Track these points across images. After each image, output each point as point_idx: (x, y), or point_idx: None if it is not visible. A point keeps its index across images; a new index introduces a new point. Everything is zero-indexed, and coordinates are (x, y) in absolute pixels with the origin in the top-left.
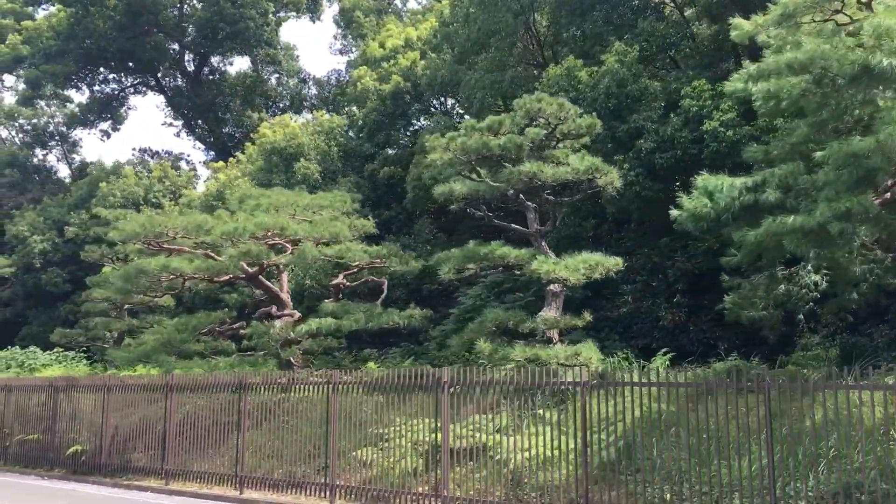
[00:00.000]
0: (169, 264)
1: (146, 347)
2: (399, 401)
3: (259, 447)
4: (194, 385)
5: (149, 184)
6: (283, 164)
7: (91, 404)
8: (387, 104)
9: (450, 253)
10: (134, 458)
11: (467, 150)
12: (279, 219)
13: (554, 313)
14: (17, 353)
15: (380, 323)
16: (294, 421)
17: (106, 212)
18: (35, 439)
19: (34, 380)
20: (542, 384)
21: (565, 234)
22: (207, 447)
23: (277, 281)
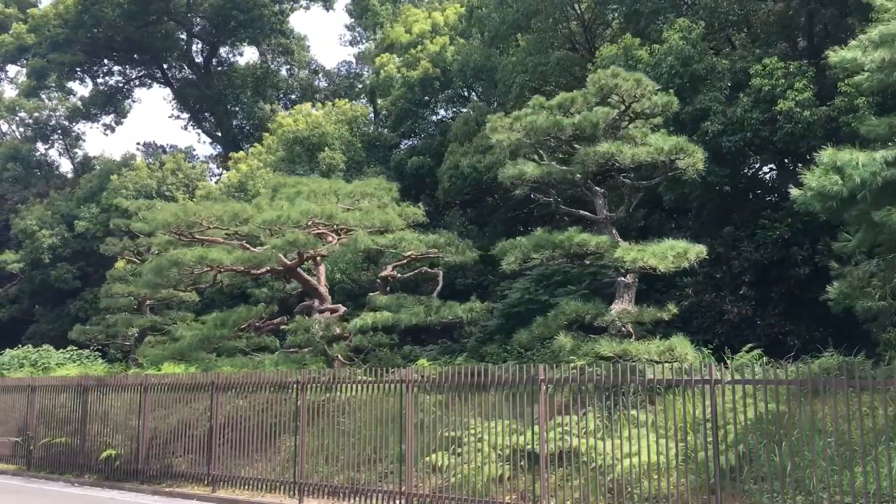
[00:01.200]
0: (206, 255)
1: (183, 344)
2: (476, 401)
3: (312, 451)
4: (242, 384)
5: (162, 176)
6: (305, 154)
7: (125, 405)
8: (415, 91)
9: (516, 241)
10: (174, 463)
11: (536, 129)
12: (327, 206)
13: (627, 306)
14: (29, 351)
15: (440, 317)
16: (348, 422)
17: (127, 203)
18: (63, 443)
19: (61, 379)
20: (675, 382)
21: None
22: (254, 451)
23: (315, 274)
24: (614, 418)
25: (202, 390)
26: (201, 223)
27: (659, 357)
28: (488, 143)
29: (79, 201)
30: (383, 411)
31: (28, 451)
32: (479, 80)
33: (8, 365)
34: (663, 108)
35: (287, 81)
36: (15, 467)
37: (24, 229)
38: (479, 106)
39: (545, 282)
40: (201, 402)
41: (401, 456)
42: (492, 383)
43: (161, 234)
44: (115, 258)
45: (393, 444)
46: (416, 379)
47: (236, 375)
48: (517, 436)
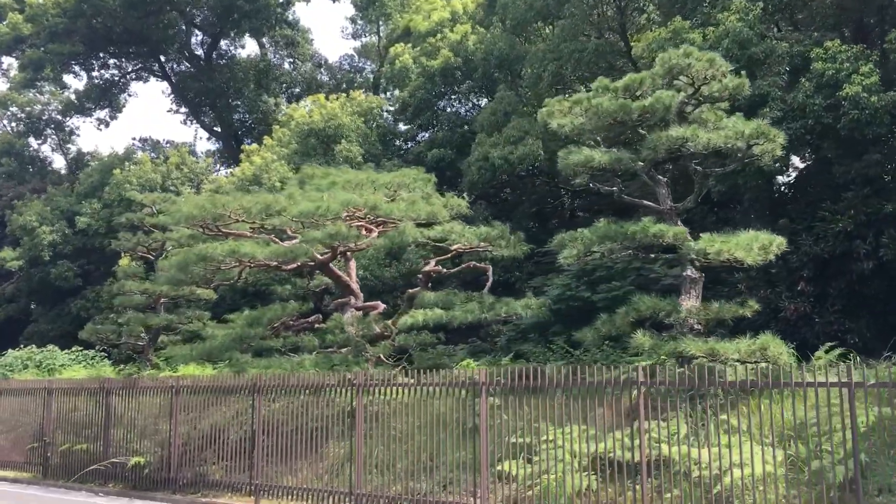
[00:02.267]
0: (238, 249)
1: (213, 344)
2: (551, 404)
3: (363, 458)
4: (287, 386)
5: (166, 170)
6: (320, 147)
7: (154, 408)
8: (435, 81)
9: (576, 233)
10: (208, 472)
11: (601, 113)
12: (371, 196)
13: (695, 302)
14: (33, 352)
15: (496, 314)
16: (403, 427)
17: (141, 196)
18: (83, 449)
19: (81, 381)
20: (783, 383)
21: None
22: (296, 458)
23: (346, 269)
24: (701, 423)
25: (241, 393)
26: (228, 215)
27: (748, 357)
28: (521, 134)
29: (79, 197)
30: (446, 415)
31: (44, 458)
32: (502, 69)
33: (11, 366)
34: (733, 91)
35: (290, 75)
36: (29, 475)
37: (24, 225)
38: (507, 96)
39: (586, 278)
40: (238, 405)
41: (472, 464)
42: (576, 384)
43: (183, 227)
44: (116, 255)
45: (452, 450)
46: (490, 381)
47: (279, 377)
48: (598, 442)
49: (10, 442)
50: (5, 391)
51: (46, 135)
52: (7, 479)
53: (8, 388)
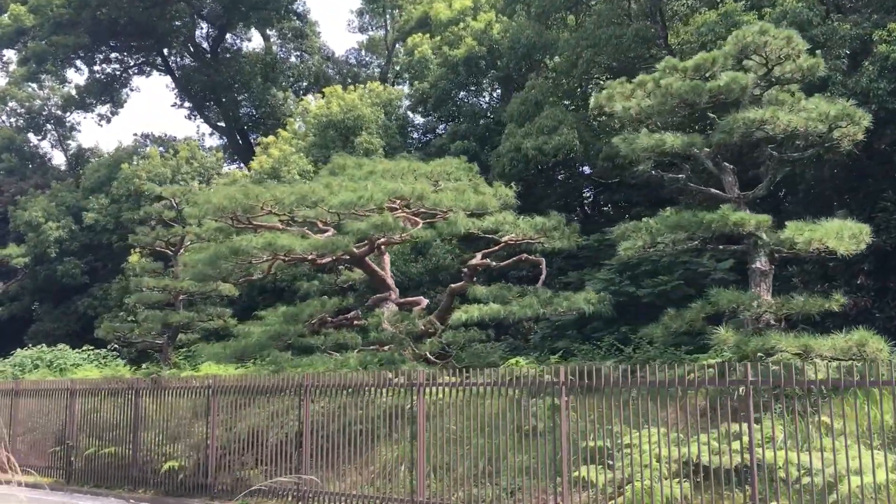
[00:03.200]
0: (275, 242)
1: (249, 341)
2: (630, 404)
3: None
4: (339, 386)
5: (176, 164)
6: (339, 139)
7: (188, 410)
8: (458, 71)
9: (640, 224)
10: (248, 476)
11: (671, 94)
12: (418, 185)
13: (766, 296)
14: (43, 351)
15: (556, 309)
16: (458, 429)
17: (160, 188)
18: (111, 453)
19: (107, 381)
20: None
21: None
22: (343, 461)
23: (380, 263)
24: (795, 425)
25: (287, 392)
26: (261, 207)
27: (843, 354)
28: (554, 123)
29: (86, 192)
30: (512, 417)
31: (68, 462)
32: (530, 58)
33: (21, 366)
34: (807, 71)
35: (298, 68)
36: (51, 480)
37: (29, 221)
38: (538, 84)
39: (629, 273)
40: (278, 405)
41: (544, 469)
42: (674, 384)
43: (210, 219)
44: (125, 252)
45: (520, 454)
46: (570, 380)
47: (330, 375)
48: (682, 446)
49: (28, 445)
50: (23, 392)
51: (46, 130)
52: (27, 484)
53: (26, 388)
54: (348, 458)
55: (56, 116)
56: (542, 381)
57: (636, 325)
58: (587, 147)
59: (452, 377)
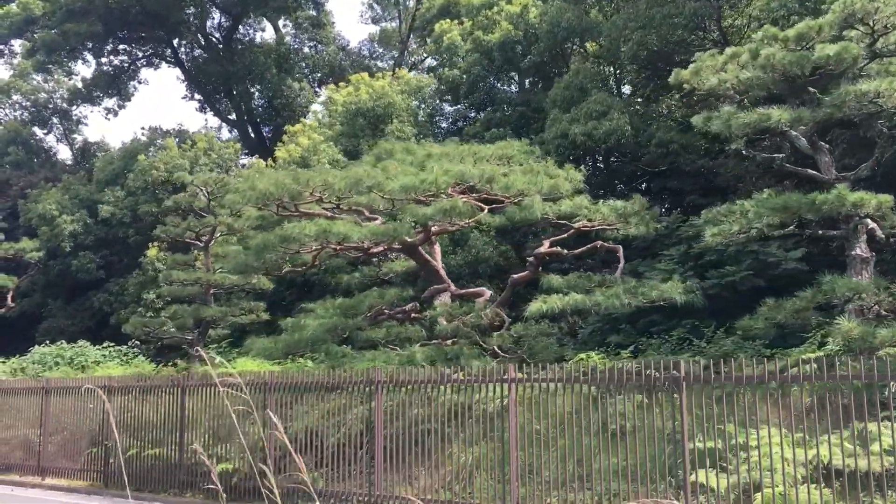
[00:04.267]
0: (330, 229)
1: (304, 335)
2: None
3: (492, 463)
4: (416, 382)
5: (194, 156)
6: (369, 127)
7: (240, 409)
8: (493, 57)
9: (734, 207)
10: (307, 479)
11: (772, 66)
12: (488, 168)
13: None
14: (63, 348)
15: (646, 298)
16: (537, 427)
17: (190, 177)
18: (154, 455)
19: (147, 379)
20: None
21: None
22: (411, 463)
23: (431, 254)
24: None
25: (355, 389)
26: (310, 193)
27: None
28: (603, 108)
29: (100, 185)
30: (599, 415)
31: (105, 465)
32: (569, 42)
33: (40, 363)
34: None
35: (314, 58)
36: (86, 483)
37: (43, 215)
38: (583, 69)
39: (691, 263)
40: (339, 403)
41: (654, 473)
42: (802, 379)
43: (252, 207)
44: (141, 246)
45: (606, 456)
46: (690, 375)
47: (404, 371)
48: (810, 448)
49: (57, 446)
50: (54, 390)
51: (52, 124)
52: (61, 488)
53: (57, 386)
54: (419, 460)
55: (62, 110)
56: (655, 378)
57: (701, 318)
58: (637, 133)
59: (546, 373)
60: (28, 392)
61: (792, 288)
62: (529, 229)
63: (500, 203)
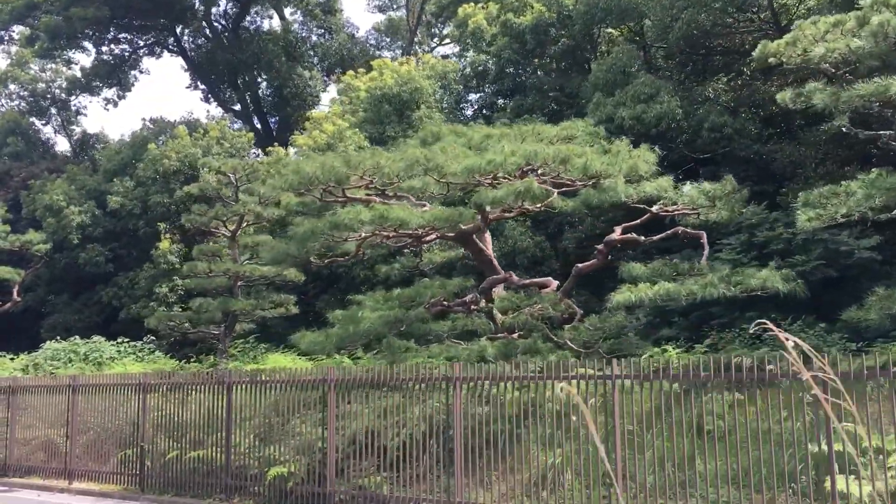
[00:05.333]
0: (387, 215)
1: (360, 328)
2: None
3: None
4: (498, 378)
5: (207, 145)
6: (395, 114)
7: (293, 406)
8: (524, 40)
9: (838, 188)
10: (371, 485)
11: (884, 34)
12: (563, 148)
13: None
14: (76, 343)
15: (745, 287)
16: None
17: (218, 163)
18: (197, 457)
19: (189, 376)
20: None
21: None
22: (485, 466)
23: (483, 242)
24: None
25: (430, 386)
26: (360, 176)
27: None
28: (652, 90)
29: (108, 175)
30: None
31: (141, 467)
32: (606, 22)
33: (54, 359)
34: None
35: (323, 46)
36: (120, 488)
37: (50, 206)
38: (626, 50)
39: (755, 252)
40: (397, 402)
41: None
42: None
43: (290, 194)
44: (151, 238)
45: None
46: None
47: (484, 369)
48: None
49: (83, 448)
50: (82, 388)
51: (51, 115)
52: (91, 492)
53: (86, 384)
54: (494, 463)
55: (60, 100)
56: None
57: (766, 311)
58: (687, 116)
59: (648, 369)
60: (52, 390)
61: (864, 279)
62: (565, 219)
63: (566, 186)
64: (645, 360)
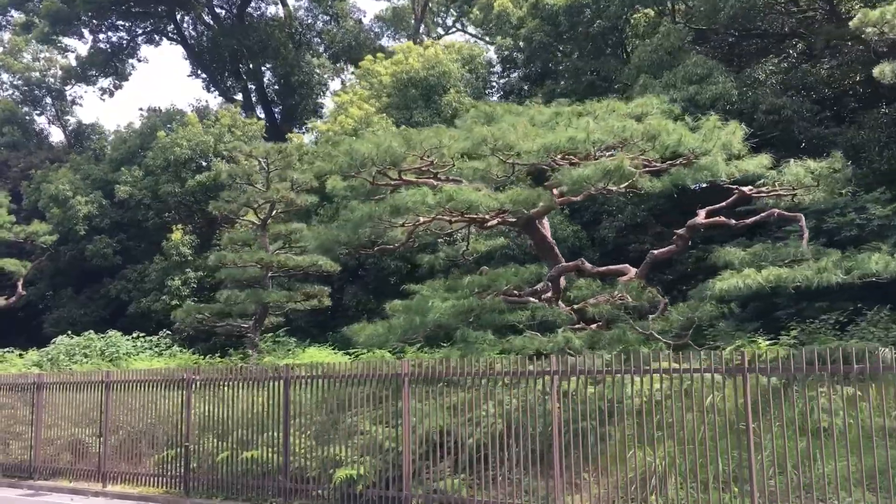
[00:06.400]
0: (456, 196)
1: (430, 318)
2: None
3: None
4: (598, 370)
5: (219, 132)
6: (421, 98)
7: (362, 402)
8: (558, 22)
9: None
10: (449, 488)
11: None
12: (656, 123)
13: None
14: (91, 338)
15: (862, 272)
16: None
17: (249, 148)
18: (251, 458)
19: (240, 371)
20: None
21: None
22: (581, 464)
23: (541, 228)
24: None
25: (533, 377)
26: (421, 157)
27: None
28: (705, 71)
29: (114, 164)
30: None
31: (186, 469)
32: (643, 3)
33: (67, 355)
34: None
35: (331, 33)
36: (161, 491)
37: (55, 196)
38: (673, 30)
39: (823, 238)
40: (471, 397)
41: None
42: None
43: (340, 176)
44: (160, 230)
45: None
46: None
47: (587, 362)
48: None
49: (114, 448)
50: (116, 384)
51: (45, 105)
52: (130, 496)
53: (120, 380)
54: (585, 463)
55: (55, 90)
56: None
57: (835, 301)
58: (742, 98)
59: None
60: (83, 387)
61: None
62: (601, 208)
63: (647, 166)
64: (748, 352)
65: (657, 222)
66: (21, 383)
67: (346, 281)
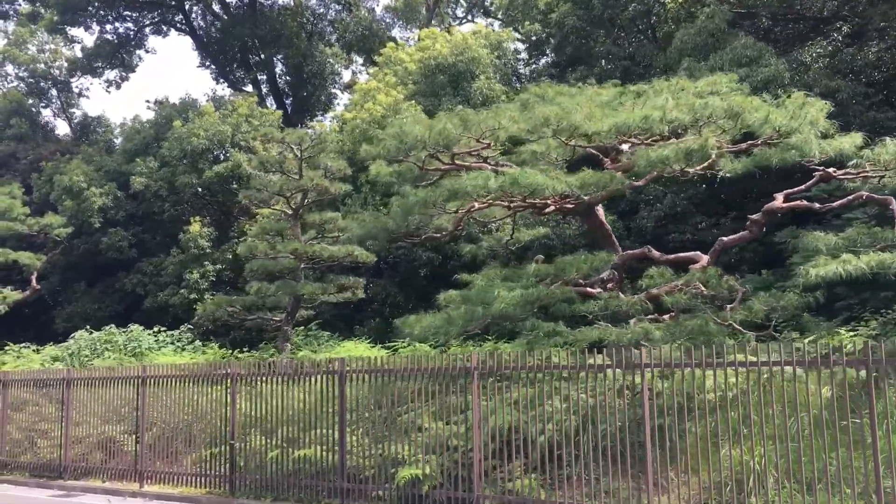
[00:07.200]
0: (520, 180)
1: (495, 308)
2: None
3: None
4: (694, 363)
5: (236, 122)
6: (449, 85)
7: (424, 399)
8: (592, 6)
9: None
10: (522, 489)
11: None
12: (739, 99)
13: None
14: (112, 333)
15: None
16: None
17: (281, 134)
18: (304, 456)
19: (286, 365)
20: None
21: None
22: (678, 462)
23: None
24: None
25: (601, 375)
26: (477, 140)
27: None
28: (755, 53)
29: (128, 155)
30: None
31: (231, 468)
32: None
33: (87, 350)
34: None
35: (344, 22)
36: (203, 491)
37: (70, 188)
38: (717, 12)
39: (888, 226)
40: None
41: None
42: None
43: (384, 161)
44: (176, 222)
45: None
46: None
47: (682, 355)
48: None
49: (149, 445)
50: (151, 379)
51: (51, 97)
52: (170, 497)
53: (157, 375)
54: (667, 462)
55: (60, 81)
56: None
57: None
58: (793, 80)
59: None
60: (117, 382)
61: None
62: (639, 197)
63: (721, 146)
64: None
65: (697, 211)
66: (49, 379)
67: (373, 273)
